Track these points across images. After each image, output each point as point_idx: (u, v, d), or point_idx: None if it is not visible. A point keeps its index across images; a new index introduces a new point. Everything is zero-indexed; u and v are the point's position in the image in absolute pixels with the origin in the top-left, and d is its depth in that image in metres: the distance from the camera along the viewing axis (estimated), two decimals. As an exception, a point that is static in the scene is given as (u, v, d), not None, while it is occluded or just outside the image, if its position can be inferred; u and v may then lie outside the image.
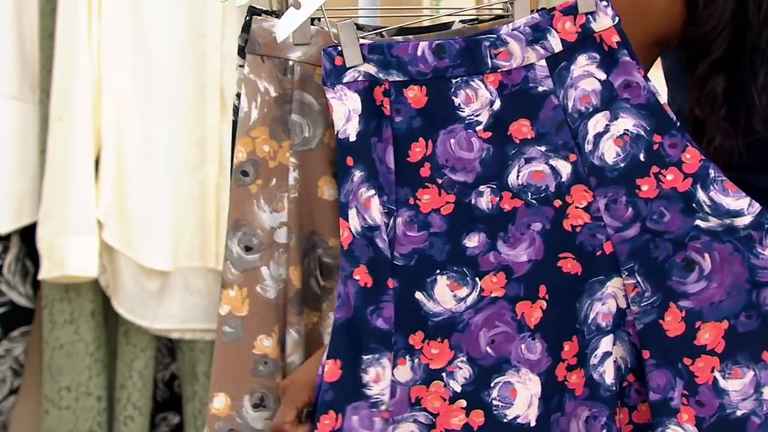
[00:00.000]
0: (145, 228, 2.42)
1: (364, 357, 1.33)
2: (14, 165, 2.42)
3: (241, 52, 1.44)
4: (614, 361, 1.35)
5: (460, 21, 1.45)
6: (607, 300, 1.36)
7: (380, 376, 1.34)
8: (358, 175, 1.36)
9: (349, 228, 1.35)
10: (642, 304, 1.36)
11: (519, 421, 1.36)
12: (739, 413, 1.35)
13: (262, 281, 1.42)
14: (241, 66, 1.44)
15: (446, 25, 1.46)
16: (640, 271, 1.35)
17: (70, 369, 2.45)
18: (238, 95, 1.44)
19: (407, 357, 1.36)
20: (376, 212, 1.36)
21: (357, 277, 1.35)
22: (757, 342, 1.35)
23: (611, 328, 1.36)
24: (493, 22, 1.43)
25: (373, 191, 1.36)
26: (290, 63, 1.42)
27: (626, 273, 1.35)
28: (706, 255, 1.35)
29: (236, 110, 1.45)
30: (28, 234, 2.44)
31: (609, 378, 1.35)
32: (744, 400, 1.35)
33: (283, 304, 1.42)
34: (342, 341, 1.34)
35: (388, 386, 1.34)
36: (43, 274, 2.40)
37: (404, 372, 1.36)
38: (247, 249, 1.41)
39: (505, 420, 1.36)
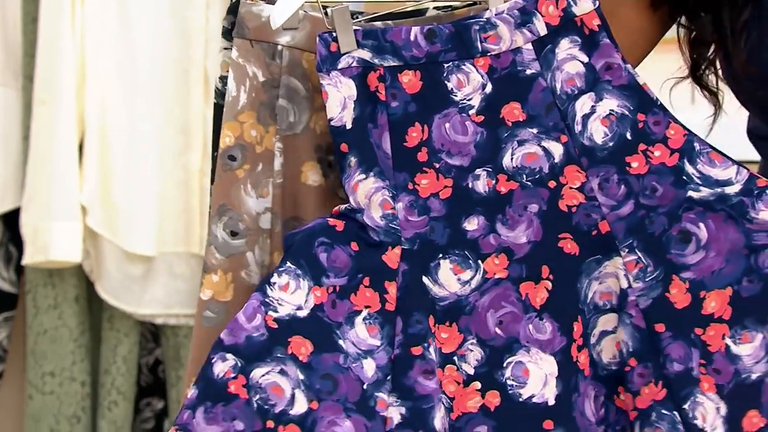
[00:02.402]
0: (129, 213, 2.41)
1: (288, 261, 1.33)
2: (-2, 150, 2.42)
3: (227, 35, 1.42)
4: (617, 343, 1.37)
5: (434, 8, 1.45)
6: (606, 279, 1.37)
7: (292, 287, 1.33)
8: (353, 160, 1.35)
9: (339, 207, 1.35)
10: (647, 280, 1.36)
11: (535, 400, 1.36)
12: (753, 377, 1.36)
13: (247, 267, 1.40)
14: (226, 49, 1.42)
15: (421, 11, 1.45)
16: (640, 246, 1.36)
17: (54, 354, 2.45)
18: (222, 78, 1.43)
19: (432, 338, 1.36)
20: (361, 195, 1.35)
21: (329, 219, 1.35)
22: (762, 305, 1.36)
23: (612, 308, 1.37)
24: (469, 8, 1.43)
25: (364, 175, 1.35)
26: (279, 48, 1.41)
27: (626, 250, 1.36)
28: (701, 225, 1.36)
29: (219, 93, 1.43)
30: (11, 219, 2.43)
31: (606, 357, 1.36)
32: (757, 363, 1.36)
33: None
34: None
35: (301, 305, 1.33)
36: (27, 260, 2.38)
37: (434, 351, 1.36)
38: (233, 234, 1.40)
39: (520, 399, 1.36)
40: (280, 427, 1.30)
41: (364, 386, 1.33)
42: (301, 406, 1.31)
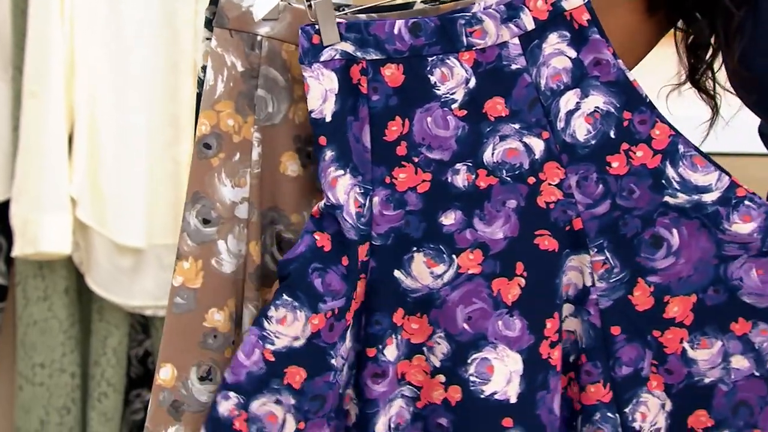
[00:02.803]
0: (119, 205, 2.42)
1: (284, 294, 1.33)
2: (-13, 142, 2.43)
3: (209, 25, 1.42)
4: (570, 332, 1.38)
5: (421, 1, 1.44)
6: (569, 272, 1.37)
7: (289, 320, 1.33)
8: (329, 154, 1.35)
9: (318, 205, 1.35)
10: (611, 281, 1.36)
11: (497, 397, 1.35)
12: (706, 380, 1.36)
13: (218, 255, 1.40)
14: (208, 39, 1.42)
15: (407, 5, 1.45)
16: (609, 247, 1.36)
17: (44, 346, 2.46)
18: (204, 68, 1.43)
19: (393, 336, 1.35)
20: (340, 192, 1.35)
21: (317, 237, 1.34)
22: (725, 314, 1.36)
23: (569, 300, 1.37)
24: (456, 3, 1.42)
25: (341, 171, 1.35)
26: (258, 38, 1.40)
27: (595, 250, 1.36)
28: (674, 231, 1.35)
29: (200, 82, 1.43)
30: (1, 211, 2.44)
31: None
32: (712, 368, 1.36)
33: (242, 280, 1.41)
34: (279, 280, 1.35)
35: (298, 336, 1.33)
36: (17, 251, 2.39)
37: (392, 351, 1.35)
38: (205, 222, 1.40)
39: (482, 396, 1.35)
40: None
41: (341, 391, 1.35)
42: (290, 428, 1.32)
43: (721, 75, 1.51)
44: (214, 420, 1.31)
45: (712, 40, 1.45)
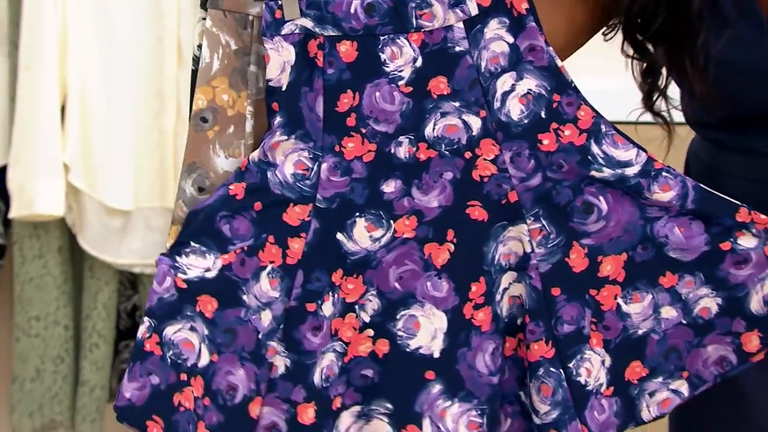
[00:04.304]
0: (108, 171, 2.40)
1: (192, 242, 1.33)
2: (-14, 112, 2.41)
3: (204, 5, 1.43)
4: (516, 297, 1.38)
5: None
6: (508, 242, 1.37)
7: (200, 264, 1.33)
8: (278, 120, 1.36)
9: (249, 157, 1.36)
10: (548, 246, 1.37)
11: (421, 351, 1.37)
12: (640, 332, 1.38)
13: None
14: (203, 19, 1.43)
15: None
16: (545, 215, 1.37)
17: (40, 300, 2.44)
18: (199, 46, 1.43)
19: (330, 293, 1.36)
20: (279, 153, 1.36)
21: (231, 188, 1.35)
22: (654, 269, 1.38)
23: (511, 267, 1.38)
24: None
25: (285, 137, 1.36)
26: (250, 18, 1.41)
27: (532, 218, 1.37)
28: (601, 198, 1.37)
29: (196, 60, 1.44)
30: None
31: (504, 311, 1.38)
32: (644, 320, 1.38)
33: None
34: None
35: (209, 268, 1.33)
36: (14, 213, 2.37)
37: (328, 307, 1.36)
38: (200, 190, 1.40)
39: (408, 349, 1.37)
40: (192, 379, 1.31)
41: (259, 336, 1.34)
42: (205, 358, 1.32)
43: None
44: (134, 345, 1.31)
45: (663, 70, 1.43)
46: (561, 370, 1.36)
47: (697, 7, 1.37)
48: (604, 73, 1.51)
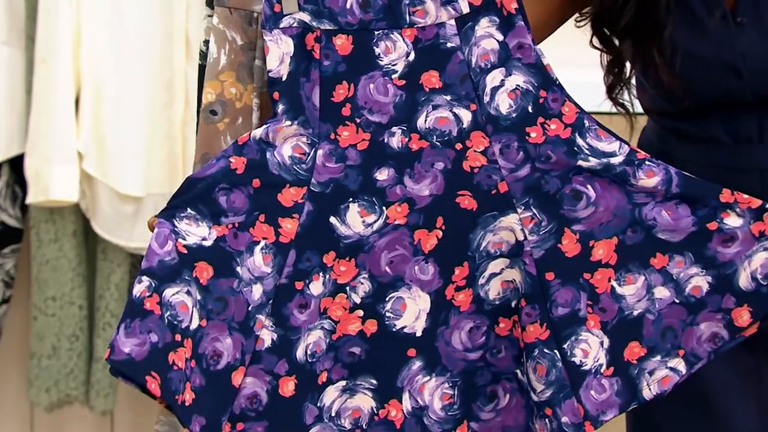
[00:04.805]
0: (120, 159, 2.42)
1: (188, 207, 1.32)
2: (4, 103, 2.41)
3: (210, 3, 1.46)
4: (509, 282, 1.39)
5: None
6: (499, 232, 1.38)
7: (197, 232, 1.32)
8: (281, 107, 1.37)
9: (251, 133, 1.37)
10: (540, 233, 1.38)
11: (406, 330, 1.39)
12: (635, 313, 1.39)
13: None
14: (210, 16, 1.45)
15: None
16: (535, 204, 1.38)
17: (55, 281, 2.46)
18: (206, 42, 1.46)
19: (320, 273, 1.37)
20: (280, 137, 1.36)
21: (232, 161, 1.35)
22: (644, 251, 1.39)
23: (504, 255, 1.39)
24: None
25: (289, 122, 1.37)
26: (254, 14, 1.44)
27: (522, 207, 1.38)
28: (589, 186, 1.38)
29: (203, 55, 1.46)
30: (16, 163, 2.43)
31: (492, 294, 1.40)
32: (639, 301, 1.39)
33: None
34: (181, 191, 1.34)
35: (206, 237, 1.32)
36: (31, 199, 2.39)
37: (317, 286, 1.37)
38: None
39: (394, 329, 1.39)
40: (185, 341, 1.31)
41: (249, 308, 1.34)
42: (195, 322, 1.31)
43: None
44: (129, 303, 1.28)
45: (628, 64, 1.46)
46: (555, 351, 1.37)
47: (665, 0, 1.40)
48: (594, 65, 1.51)
